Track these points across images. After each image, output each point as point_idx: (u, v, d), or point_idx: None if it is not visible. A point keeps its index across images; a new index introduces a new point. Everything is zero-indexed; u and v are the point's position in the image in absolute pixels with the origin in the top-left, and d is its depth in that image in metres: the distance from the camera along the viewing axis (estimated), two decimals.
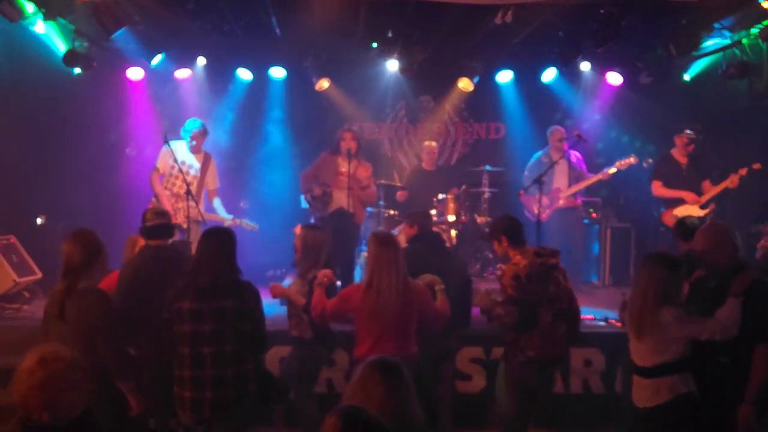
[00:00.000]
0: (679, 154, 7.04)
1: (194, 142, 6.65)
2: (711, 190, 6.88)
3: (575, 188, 7.58)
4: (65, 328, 3.56)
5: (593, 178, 7.49)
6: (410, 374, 2.60)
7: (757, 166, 6.77)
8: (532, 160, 7.69)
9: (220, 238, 3.73)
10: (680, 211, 6.77)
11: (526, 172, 7.58)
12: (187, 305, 3.57)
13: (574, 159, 7.68)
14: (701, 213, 6.79)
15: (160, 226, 4.39)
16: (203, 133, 6.75)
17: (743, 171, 6.76)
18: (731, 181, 6.77)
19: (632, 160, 7.23)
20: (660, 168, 7.11)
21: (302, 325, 4.45)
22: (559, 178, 7.64)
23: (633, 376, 3.71)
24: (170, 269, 4.10)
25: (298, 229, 4.77)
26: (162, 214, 4.54)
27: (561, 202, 7.56)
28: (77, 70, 7.15)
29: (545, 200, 7.52)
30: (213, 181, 6.84)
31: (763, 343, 3.42)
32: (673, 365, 3.52)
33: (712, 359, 3.55)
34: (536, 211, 6.66)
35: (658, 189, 7.05)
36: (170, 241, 4.59)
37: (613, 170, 7.31)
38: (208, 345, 3.55)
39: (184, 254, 4.56)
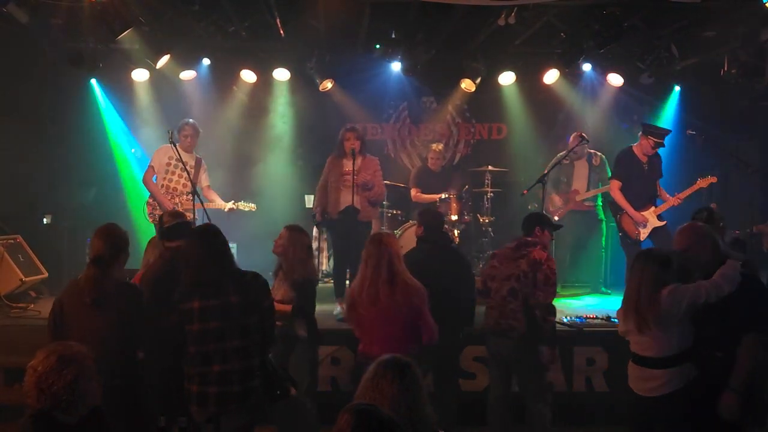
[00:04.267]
0: (640, 152, 6.91)
1: (189, 140, 6.98)
2: (665, 203, 6.83)
3: (592, 192, 7.59)
4: (98, 317, 3.64)
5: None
6: (422, 374, 2.64)
7: (713, 179, 6.77)
8: (554, 159, 7.66)
9: (203, 235, 3.78)
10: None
11: (546, 170, 7.56)
12: (197, 305, 3.59)
13: (596, 162, 7.68)
14: (659, 223, 6.76)
15: (176, 225, 4.43)
16: (196, 131, 7.04)
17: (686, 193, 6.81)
18: (676, 199, 6.76)
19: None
20: (620, 165, 7.02)
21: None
22: (579, 180, 7.65)
23: (635, 367, 3.77)
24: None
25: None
26: (178, 214, 4.66)
27: (570, 204, 7.59)
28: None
29: (559, 201, 7.57)
30: (205, 179, 7.22)
31: (748, 334, 3.52)
32: (684, 354, 3.61)
33: (708, 354, 3.62)
34: (550, 208, 7.29)
35: (615, 190, 6.94)
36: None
37: None
38: (214, 342, 3.57)
39: None
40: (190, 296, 3.60)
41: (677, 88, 8.36)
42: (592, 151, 7.69)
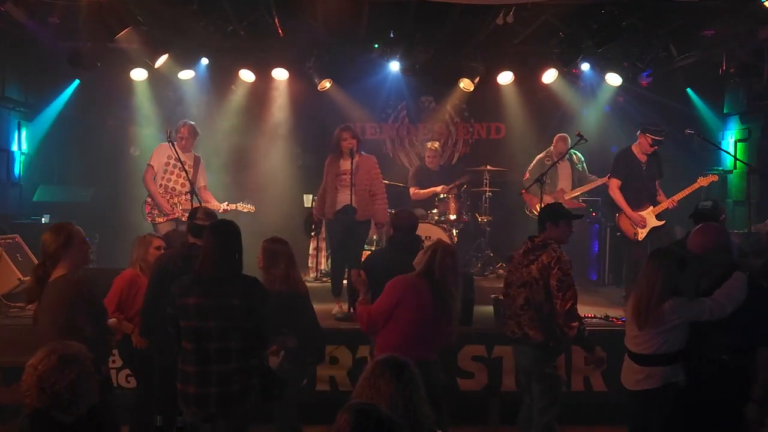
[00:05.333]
0: (639, 151, 6.88)
1: (184, 141, 6.91)
2: (663, 203, 6.77)
3: (579, 191, 7.66)
4: (42, 316, 3.62)
5: (597, 182, 7.51)
6: (420, 373, 2.63)
7: (713, 177, 6.77)
8: (534, 162, 7.74)
9: (223, 232, 3.73)
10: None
11: (527, 174, 7.62)
12: (193, 301, 3.57)
13: (576, 160, 7.75)
14: (658, 223, 6.71)
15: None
16: (193, 132, 6.98)
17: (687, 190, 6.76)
18: (671, 202, 6.69)
19: None
20: (619, 164, 6.99)
21: None
22: (563, 180, 7.74)
23: (625, 358, 3.85)
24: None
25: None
26: (212, 215, 4.52)
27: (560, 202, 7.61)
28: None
29: (549, 200, 7.58)
30: (203, 179, 7.17)
31: (765, 347, 3.51)
32: (668, 356, 3.66)
33: (714, 356, 3.62)
34: (538, 210, 6.76)
35: (614, 189, 6.89)
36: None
37: None
38: (214, 341, 3.55)
39: None
40: (189, 292, 3.58)
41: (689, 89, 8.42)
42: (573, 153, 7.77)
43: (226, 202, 7.02)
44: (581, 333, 4.29)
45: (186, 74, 7.97)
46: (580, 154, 7.86)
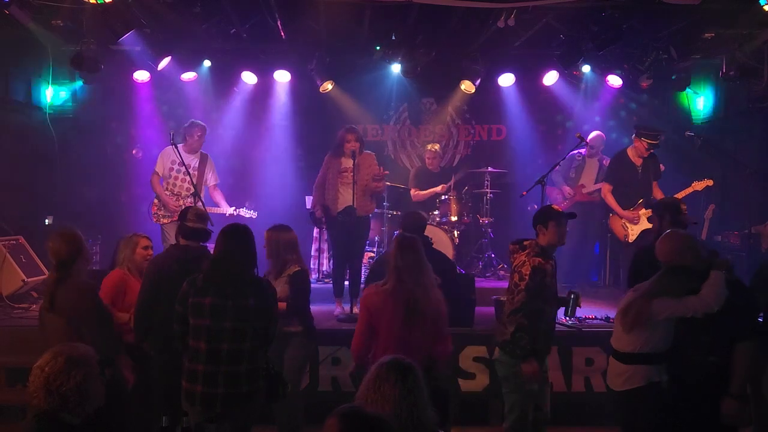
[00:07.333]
0: (634, 155, 6.99)
1: (196, 140, 6.96)
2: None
3: (594, 187, 7.77)
4: (57, 319, 3.71)
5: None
6: (423, 376, 2.66)
7: (709, 182, 6.82)
8: (566, 157, 7.71)
9: (241, 236, 3.78)
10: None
11: (557, 167, 7.54)
12: (209, 301, 3.60)
13: (606, 164, 7.81)
14: (649, 225, 6.68)
15: (198, 229, 4.42)
16: (199, 133, 7.00)
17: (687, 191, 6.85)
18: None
19: None
20: (613, 169, 7.10)
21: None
22: (587, 176, 7.87)
23: (610, 359, 3.92)
24: (193, 269, 4.04)
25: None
26: (203, 218, 4.53)
27: (577, 197, 7.75)
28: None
29: (569, 191, 7.78)
30: (212, 177, 7.15)
31: (742, 342, 3.63)
32: (651, 356, 3.73)
33: (702, 359, 3.70)
34: (559, 197, 7.45)
35: (606, 193, 7.04)
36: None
37: None
38: (228, 342, 3.59)
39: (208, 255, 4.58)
40: (204, 292, 3.62)
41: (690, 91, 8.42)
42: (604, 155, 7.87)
43: (233, 208, 7.02)
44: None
45: (188, 76, 8.00)
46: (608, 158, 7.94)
